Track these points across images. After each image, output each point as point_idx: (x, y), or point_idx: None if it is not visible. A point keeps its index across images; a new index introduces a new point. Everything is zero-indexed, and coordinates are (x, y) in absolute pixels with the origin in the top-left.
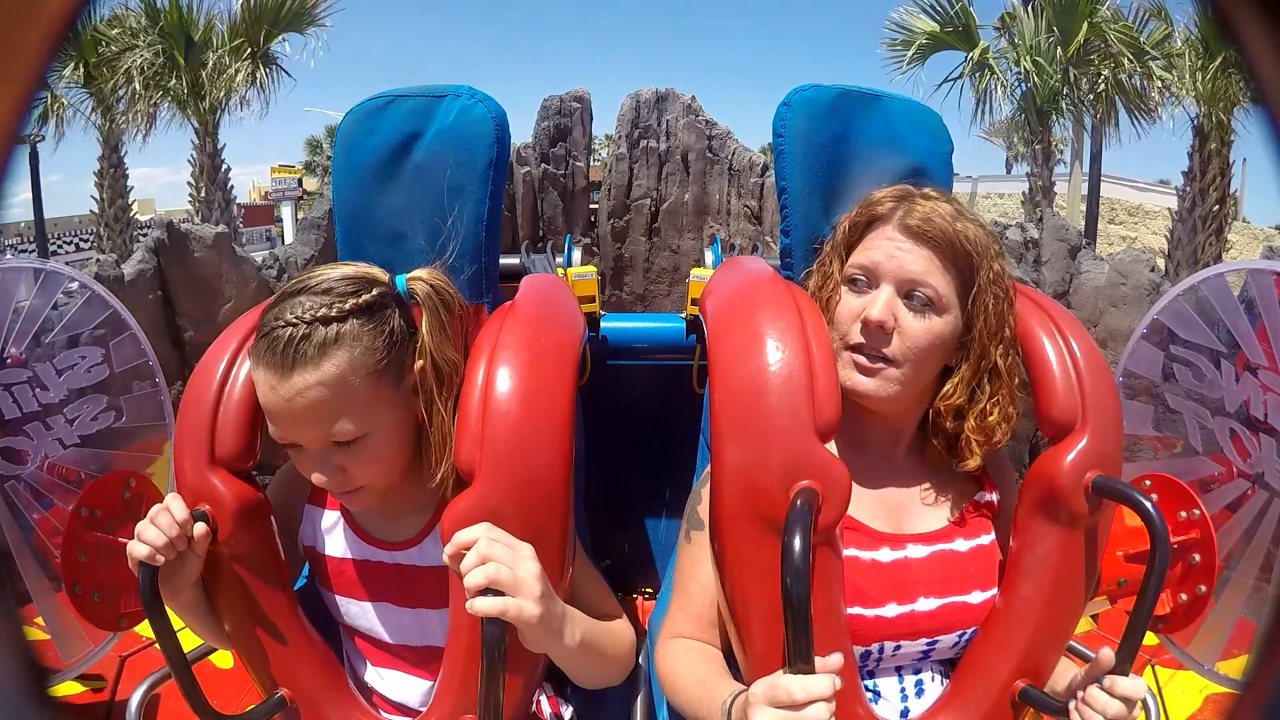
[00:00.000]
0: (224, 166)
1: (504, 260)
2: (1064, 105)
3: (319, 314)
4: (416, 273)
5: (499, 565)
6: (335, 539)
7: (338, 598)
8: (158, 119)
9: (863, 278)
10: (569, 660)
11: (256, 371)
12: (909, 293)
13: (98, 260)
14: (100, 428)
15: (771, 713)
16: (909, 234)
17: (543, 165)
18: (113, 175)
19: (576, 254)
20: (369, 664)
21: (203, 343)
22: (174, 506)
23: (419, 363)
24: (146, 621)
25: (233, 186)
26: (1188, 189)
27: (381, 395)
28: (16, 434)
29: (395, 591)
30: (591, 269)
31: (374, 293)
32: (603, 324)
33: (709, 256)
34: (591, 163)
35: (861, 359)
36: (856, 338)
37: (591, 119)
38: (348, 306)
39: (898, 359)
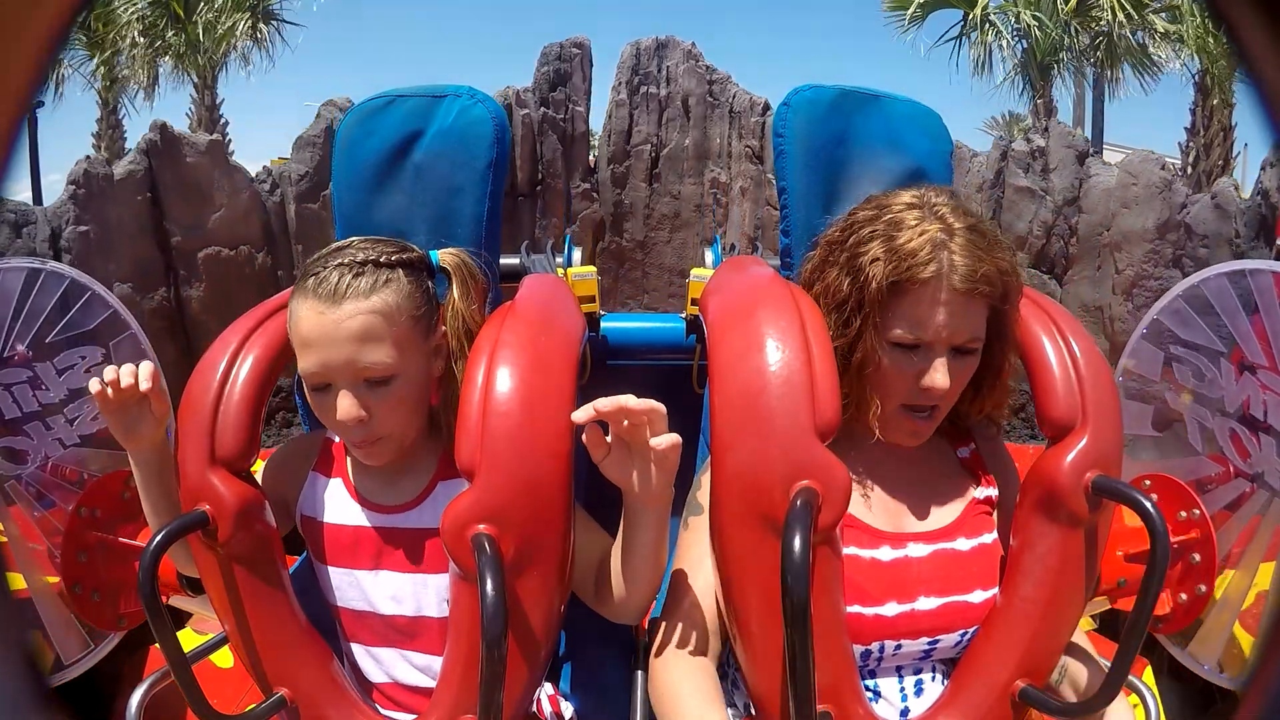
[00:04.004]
0: (222, 120)
1: (504, 260)
2: (1065, 58)
3: (371, 258)
4: (446, 249)
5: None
6: (335, 506)
7: (331, 570)
8: (157, 90)
9: (915, 345)
10: (657, 542)
11: (301, 305)
12: (957, 348)
13: (89, 158)
14: (100, 427)
15: None
16: (960, 295)
17: (542, 109)
18: (110, 136)
19: (576, 254)
20: (361, 645)
21: (190, 249)
22: (142, 368)
23: (443, 328)
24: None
25: (230, 141)
26: (1190, 144)
27: (415, 341)
28: (16, 434)
29: (395, 556)
30: (591, 269)
31: (415, 255)
32: (603, 324)
33: (709, 256)
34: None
35: (917, 417)
36: (913, 400)
37: (592, 65)
38: (394, 259)
39: (943, 405)
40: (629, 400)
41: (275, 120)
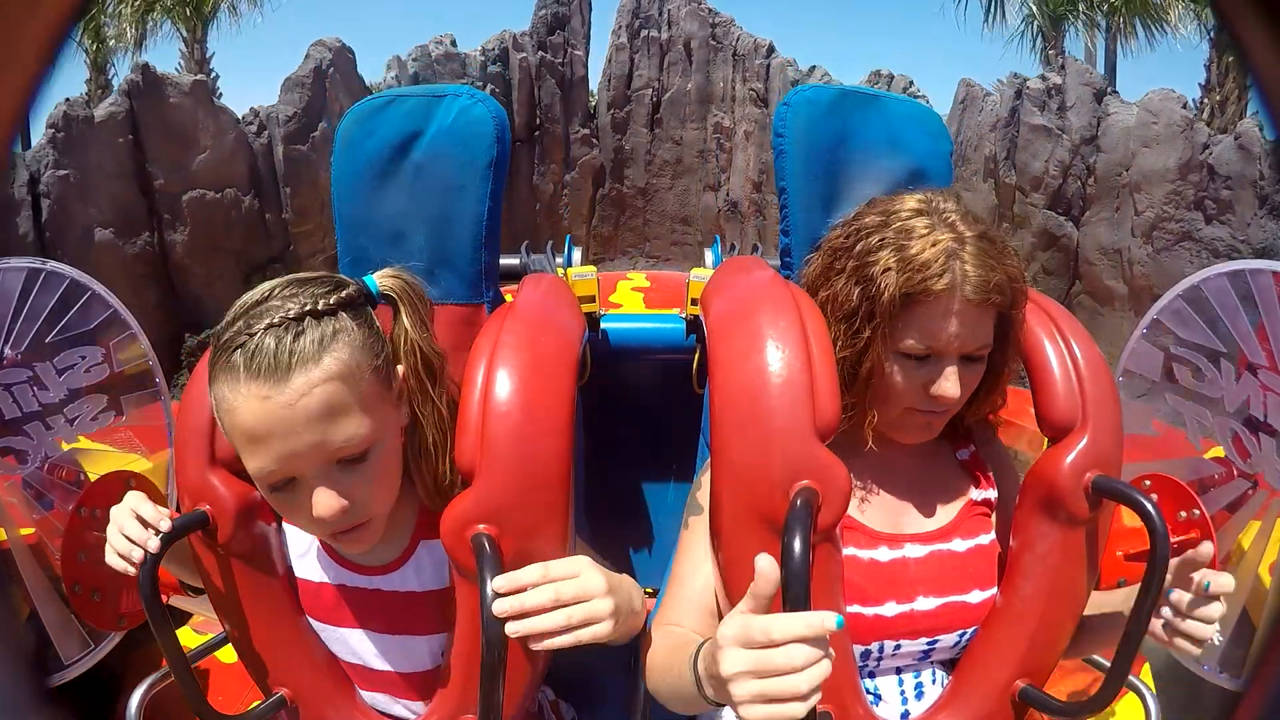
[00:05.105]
0: (213, 74)
1: (504, 260)
2: (1078, 9)
3: (306, 309)
4: (382, 272)
5: (569, 613)
6: (309, 563)
7: (314, 624)
8: (145, 46)
9: (925, 355)
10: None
11: (235, 392)
12: (966, 356)
13: (67, 100)
14: (100, 428)
15: (742, 655)
16: (973, 306)
17: (540, 53)
18: (99, 98)
19: (576, 254)
20: (355, 688)
21: (173, 193)
22: (142, 509)
23: (401, 367)
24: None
25: (221, 95)
26: (1204, 100)
27: (382, 395)
28: (16, 434)
29: (377, 618)
30: (591, 269)
31: (351, 288)
32: (603, 324)
33: (709, 257)
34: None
35: (924, 419)
36: (924, 407)
37: (590, 8)
38: (333, 301)
39: (952, 409)
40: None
41: (268, 78)
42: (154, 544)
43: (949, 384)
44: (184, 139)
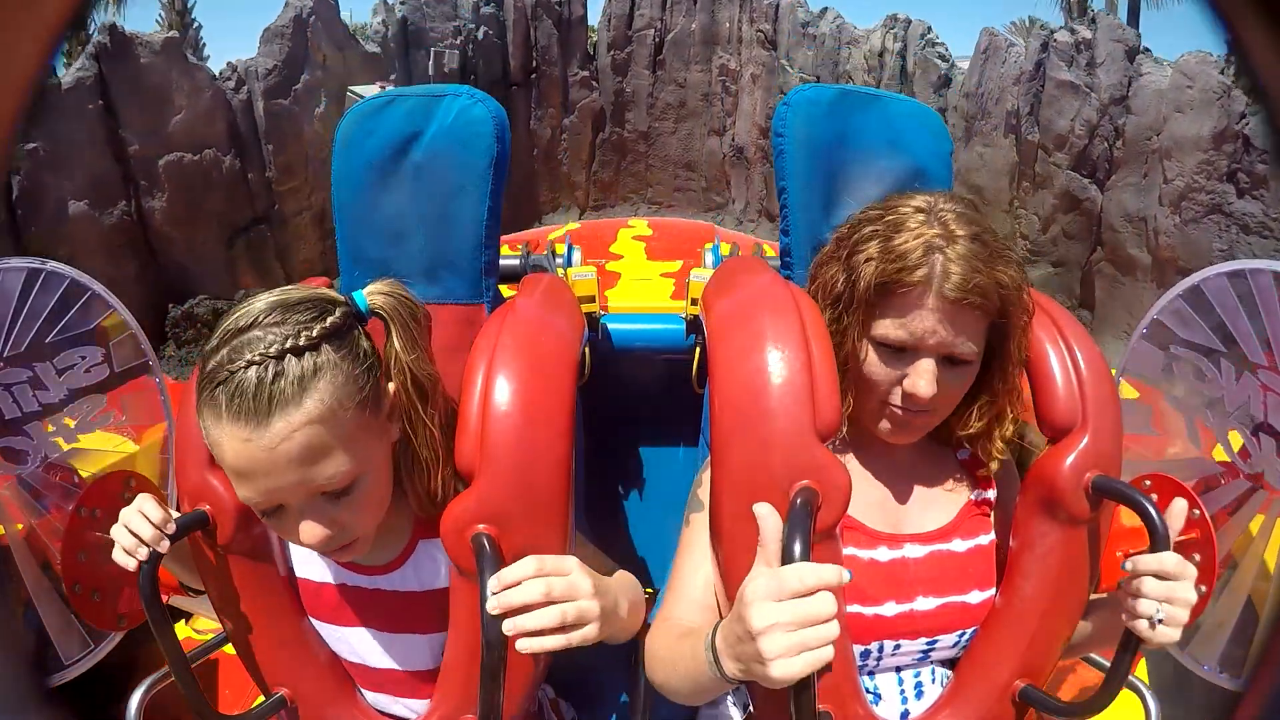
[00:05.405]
0: (194, 24)
1: (504, 261)
2: None
3: (287, 345)
4: (374, 286)
5: (563, 609)
6: (310, 563)
7: (315, 623)
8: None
9: (899, 347)
10: (628, 620)
11: (218, 428)
12: (948, 357)
13: None
14: (100, 428)
15: (773, 608)
16: (949, 304)
17: None
18: (79, 54)
19: (576, 254)
20: (356, 687)
21: (150, 156)
22: (148, 510)
23: (391, 384)
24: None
25: (205, 45)
26: (1231, 58)
27: (369, 427)
28: (17, 434)
29: (378, 617)
30: (591, 269)
31: (338, 314)
32: (603, 323)
33: (708, 257)
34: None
35: (900, 415)
36: (896, 401)
37: None
38: (316, 333)
39: (931, 411)
40: (522, 594)
41: (251, 29)
42: (165, 545)
43: (922, 381)
44: (158, 100)
